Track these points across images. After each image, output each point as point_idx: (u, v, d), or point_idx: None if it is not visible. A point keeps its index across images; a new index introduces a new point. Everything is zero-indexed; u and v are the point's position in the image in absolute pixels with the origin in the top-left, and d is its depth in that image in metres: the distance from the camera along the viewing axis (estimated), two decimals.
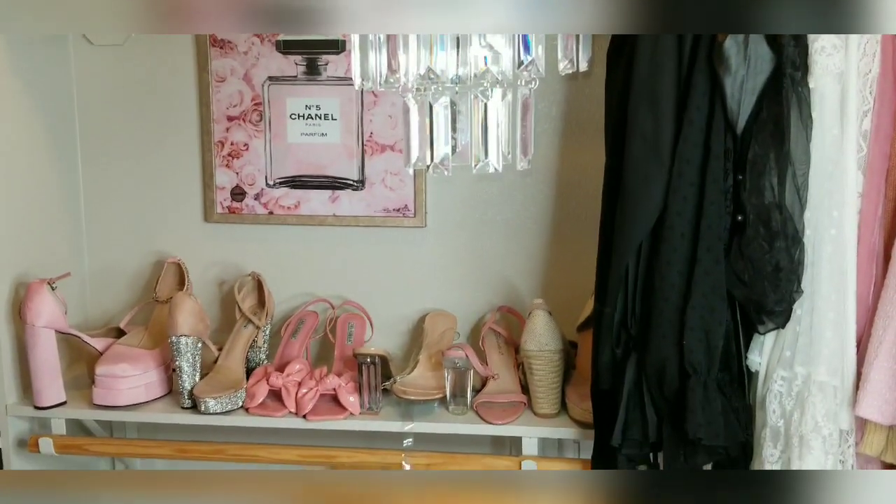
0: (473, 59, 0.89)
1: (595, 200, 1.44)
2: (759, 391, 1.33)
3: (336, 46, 1.76)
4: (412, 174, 1.76)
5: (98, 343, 1.68)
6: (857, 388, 1.25)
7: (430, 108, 0.91)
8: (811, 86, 1.22)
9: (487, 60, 0.89)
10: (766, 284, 1.23)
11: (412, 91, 0.91)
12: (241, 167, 1.81)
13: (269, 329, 1.77)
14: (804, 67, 1.22)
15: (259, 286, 1.78)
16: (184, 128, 1.82)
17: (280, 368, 1.66)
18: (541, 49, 0.91)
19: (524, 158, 0.96)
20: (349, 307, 1.81)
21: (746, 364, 1.33)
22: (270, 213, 1.82)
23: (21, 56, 1.66)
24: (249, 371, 1.70)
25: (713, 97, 1.24)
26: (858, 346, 1.26)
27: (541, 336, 1.56)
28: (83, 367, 1.75)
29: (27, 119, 1.69)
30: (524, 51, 0.90)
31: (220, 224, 1.84)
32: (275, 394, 1.61)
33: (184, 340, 1.60)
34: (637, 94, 1.29)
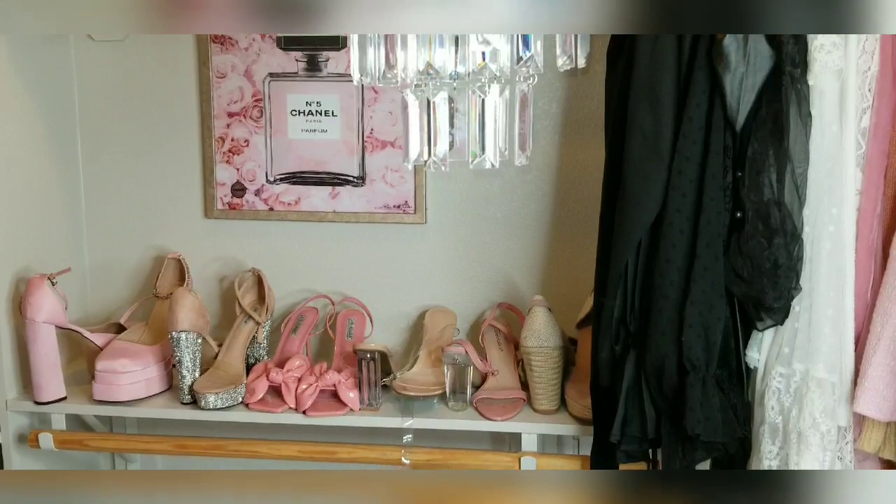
0: (472, 55, 0.89)
1: (595, 197, 1.44)
2: (758, 388, 1.33)
3: (336, 43, 1.76)
4: (412, 170, 1.77)
5: (98, 338, 1.68)
6: (856, 385, 1.25)
7: (429, 104, 0.91)
8: (810, 83, 1.22)
9: (486, 56, 0.89)
10: (765, 281, 1.23)
11: (411, 87, 0.91)
12: (242, 163, 1.81)
13: (270, 325, 1.77)
14: (803, 65, 1.22)
15: (259, 282, 1.78)
16: (184, 124, 1.82)
17: (280, 364, 1.66)
18: (539, 45, 0.91)
19: (522, 154, 0.96)
20: (349, 303, 1.82)
21: (745, 361, 1.33)
22: (271, 210, 1.82)
23: (22, 52, 1.66)
24: (249, 367, 1.70)
25: (713, 94, 1.24)
26: (857, 343, 1.26)
27: (540, 333, 1.56)
28: (83, 363, 1.75)
29: (28, 114, 1.69)
30: (523, 47, 0.90)
31: (221, 220, 1.84)
32: (275, 389, 1.62)
33: (184, 336, 1.60)
34: (637, 92, 1.29)
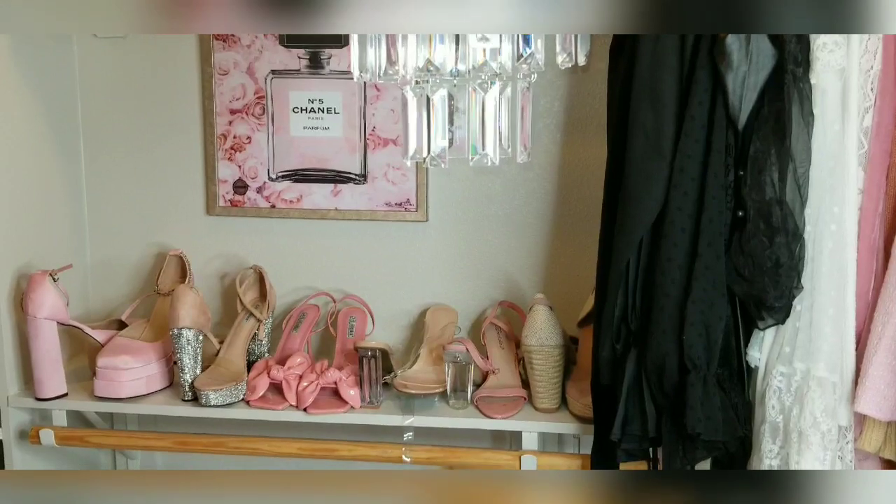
0: (472, 53, 0.89)
1: (596, 196, 1.44)
2: (759, 387, 1.33)
3: (339, 40, 1.76)
4: (414, 168, 1.77)
5: (99, 335, 1.68)
6: (856, 385, 1.24)
7: (429, 101, 0.91)
8: (813, 82, 1.22)
9: (486, 53, 0.89)
10: (767, 280, 1.23)
11: (411, 84, 0.91)
12: (244, 160, 1.81)
13: (271, 322, 1.77)
14: (806, 63, 1.21)
15: (261, 279, 1.78)
16: (186, 121, 1.82)
17: (281, 361, 1.66)
18: (540, 43, 0.91)
19: (524, 151, 0.96)
20: (350, 301, 1.82)
21: (746, 360, 1.33)
22: (272, 207, 1.82)
23: (24, 48, 1.66)
24: (250, 364, 1.70)
25: (715, 93, 1.24)
26: (858, 343, 1.26)
27: (541, 331, 1.56)
28: (84, 359, 1.75)
29: (30, 111, 1.70)
30: (524, 44, 0.90)
31: (223, 217, 1.84)
32: (276, 387, 1.62)
33: (185, 333, 1.60)
34: (639, 90, 1.29)
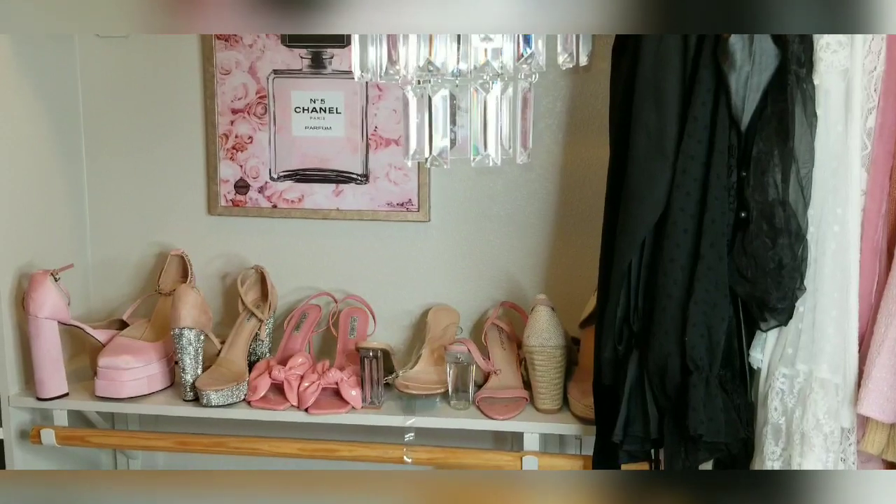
0: (474, 52, 0.89)
1: (598, 196, 1.44)
2: (761, 388, 1.32)
3: (341, 40, 1.75)
4: (416, 168, 1.76)
5: (101, 335, 1.68)
6: (859, 386, 1.24)
7: (430, 101, 0.91)
8: (816, 82, 1.22)
9: (488, 53, 0.89)
10: (769, 281, 1.23)
11: (412, 83, 0.91)
12: (246, 160, 1.81)
13: (272, 322, 1.77)
14: (809, 64, 1.21)
15: (262, 279, 1.78)
16: (188, 120, 1.82)
17: (282, 362, 1.66)
18: (541, 43, 0.91)
19: (524, 152, 0.95)
20: (352, 301, 1.81)
21: (748, 361, 1.33)
22: (274, 207, 1.82)
23: (26, 48, 1.66)
24: (252, 364, 1.70)
25: (718, 93, 1.24)
26: (861, 344, 1.26)
27: (543, 332, 1.56)
28: (85, 359, 1.75)
29: (31, 110, 1.69)
30: (525, 44, 0.90)
31: (224, 217, 1.84)
32: (277, 387, 1.62)
33: (186, 333, 1.60)
34: (642, 90, 1.29)
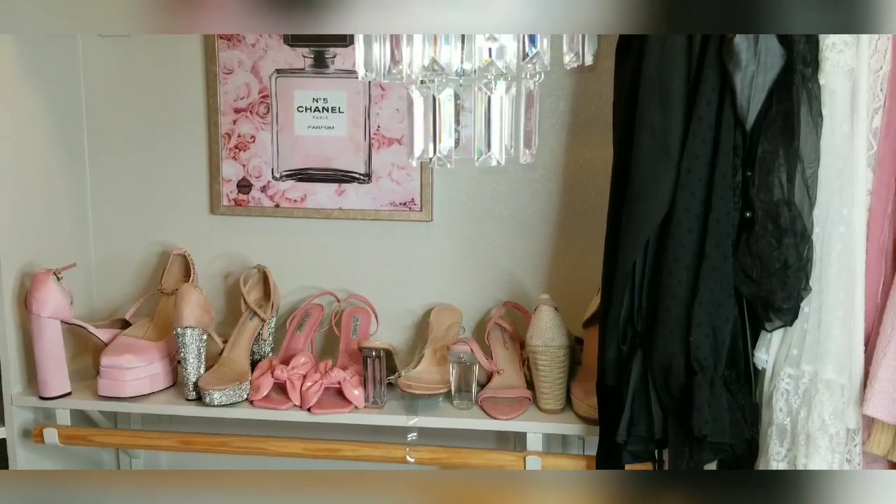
0: (478, 52, 0.89)
1: (602, 196, 1.44)
2: (766, 389, 1.32)
3: (344, 39, 1.75)
4: (419, 168, 1.76)
5: (103, 334, 1.68)
6: (865, 387, 1.24)
7: (434, 101, 0.90)
8: (821, 82, 1.21)
9: (492, 53, 0.89)
10: (775, 281, 1.22)
11: (416, 83, 0.90)
12: (248, 159, 1.81)
13: (275, 322, 1.76)
14: (815, 64, 1.20)
15: (265, 279, 1.78)
16: (191, 119, 1.81)
17: (285, 361, 1.66)
18: (546, 42, 0.90)
19: (528, 152, 0.95)
20: (354, 301, 1.81)
21: (753, 361, 1.32)
22: (277, 206, 1.81)
23: (28, 47, 1.66)
24: (254, 364, 1.70)
25: (723, 93, 1.23)
26: (867, 345, 1.25)
27: (546, 332, 1.56)
28: (88, 358, 1.75)
29: (34, 110, 1.69)
30: (529, 43, 0.89)
31: (227, 216, 1.83)
32: (279, 386, 1.61)
33: (189, 332, 1.60)
34: (646, 90, 1.28)
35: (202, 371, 1.62)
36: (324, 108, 1.77)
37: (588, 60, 0.92)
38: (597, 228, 1.47)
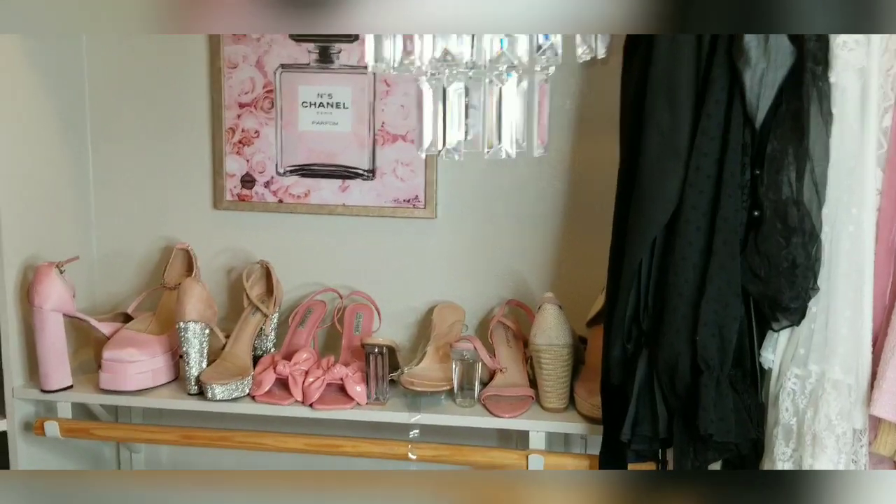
0: (490, 43, 0.88)
1: (606, 195, 1.43)
2: (772, 389, 1.31)
3: (349, 35, 1.74)
4: (423, 165, 1.75)
5: (105, 328, 1.67)
6: (872, 387, 1.23)
7: (445, 93, 0.90)
8: (832, 81, 1.20)
9: (504, 45, 0.88)
10: (782, 281, 1.22)
11: (426, 75, 0.90)
12: (252, 154, 1.80)
13: (277, 317, 1.76)
14: (825, 62, 1.20)
15: (267, 274, 1.77)
16: (194, 114, 1.81)
17: (287, 357, 1.65)
18: (559, 35, 0.90)
19: (540, 145, 0.94)
20: (357, 297, 1.80)
21: (759, 361, 1.32)
22: (280, 202, 1.81)
23: (33, 40, 1.65)
24: (256, 359, 1.69)
25: (732, 90, 1.22)
26: (874, 345, 1.25)
27: (550, 330, 1.55)
28: (90, 352, 1.75)
29: (38, 102, 1.69)
30: (542, 35, 0.88)
31: (230, 211, 1.83)
32: (282, 382, 1.61)
33: (192, 326, 1.59)
34: (654, 87, 1.27)
35: (204, 366, 1.61)
36: (328, 104, 1.77)
37: (601, 53, 0.91)
38: (602, 227, 1.47)
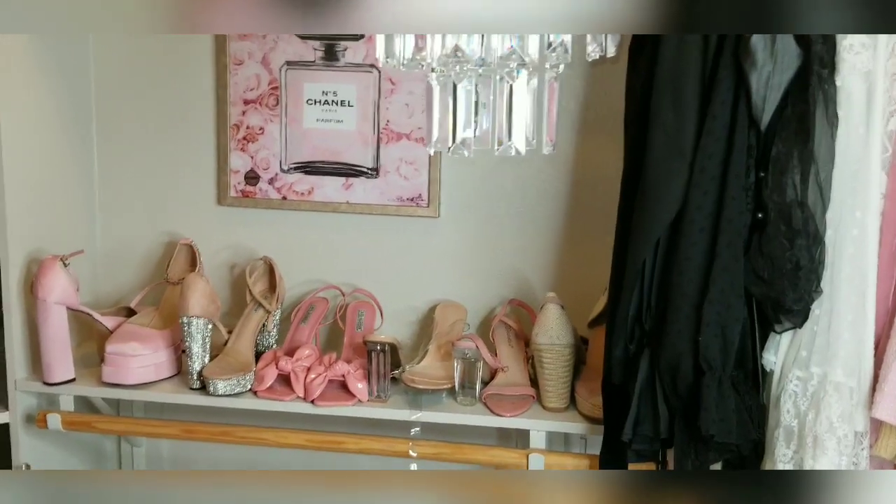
0: (500, 40, 0.88)
1: (610, 195, 1.43)
2: (774, 390, 1.31)
3: (355, 33, 1.75)
4: (427, 164, 1.76)
5: (108, 321, 1.68)
6: (874, 390, 1.23)
7: (454, 89, 0.90)
8: (838, 84, 1.21)
9: (514, 41, 0.88)
10: (786, 283, 1.22)
11: (436, 71, 0.90)
12: (256, 151, 1.80)
13: (280, 314, 1.76)
14: (832, 65, 1.20)
15: (270, 271, 1.77)
16: (200, 110, 1.81)
17: (289, 353, 1.65)
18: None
19: (549, 143, 0.95)
20: (359, 295, 1.81)
21: (761, 363, 1.32)
22: (284, 199, 1.81)
23: (39, 36, 1.65)
24: (258, 355, 1.69)
25: (738, 92, 1.23)
26: (876, 348, 1.25)
27: (552, 330, 1.55)
28: (93, 346, 1.75)
29: (44, 98, 1.69)
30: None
31: (234, 207, 1.83)
32: (283, 378, 1.61)
33: (195, 321, 1.59)
34: (660, 88, 1.28)
35: (206, 360, 1.61)
36: (333, 102, 1.77)
37: (611, 52, 0.92)
38: (604, 228, 1.47)
